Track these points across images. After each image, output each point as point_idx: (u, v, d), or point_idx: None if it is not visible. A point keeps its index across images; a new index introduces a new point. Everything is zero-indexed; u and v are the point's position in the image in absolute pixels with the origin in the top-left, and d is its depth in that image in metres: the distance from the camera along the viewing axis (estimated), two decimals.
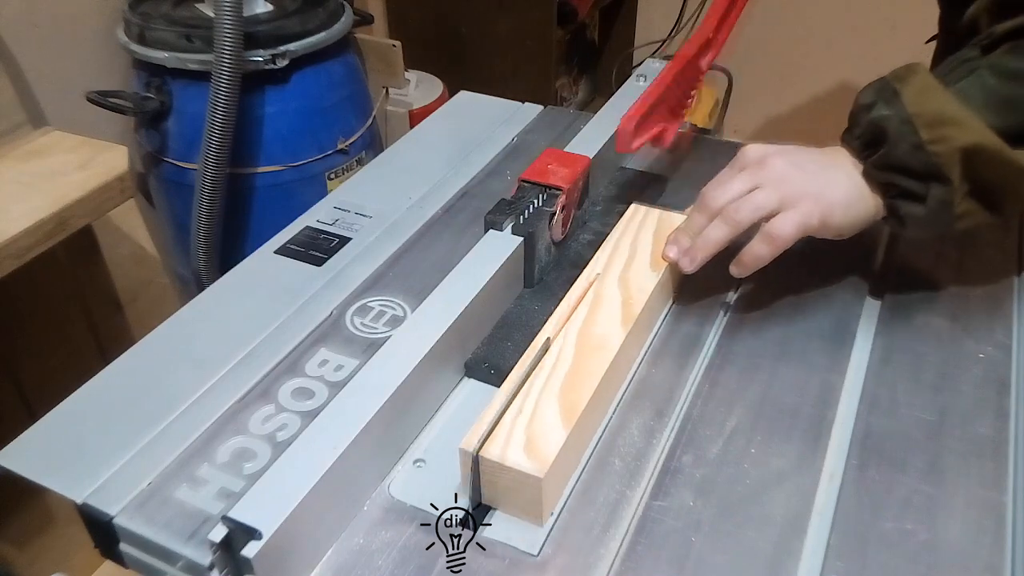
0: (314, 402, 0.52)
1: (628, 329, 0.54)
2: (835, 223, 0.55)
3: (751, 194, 0.55)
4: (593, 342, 0.53)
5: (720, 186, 0.57)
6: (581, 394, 0.49)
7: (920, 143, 0.51)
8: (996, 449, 0.50)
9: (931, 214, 0.53)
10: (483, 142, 0.81)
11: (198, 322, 0.59)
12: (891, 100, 0.53)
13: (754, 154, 0.57)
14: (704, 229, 0.57)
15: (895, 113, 0.52)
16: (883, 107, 0.53)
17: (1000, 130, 0.51)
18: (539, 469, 0.44)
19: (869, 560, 0.44)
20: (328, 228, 0.68)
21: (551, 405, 0.48)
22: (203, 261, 1.16)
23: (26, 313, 1.06)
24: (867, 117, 0.54)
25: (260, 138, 1.19)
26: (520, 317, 0.60)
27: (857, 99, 0.56)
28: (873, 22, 1.95)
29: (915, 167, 0.52)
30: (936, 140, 0.51)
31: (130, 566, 0.47)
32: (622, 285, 0.58)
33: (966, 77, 0.54)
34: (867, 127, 0.55)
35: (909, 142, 0.52)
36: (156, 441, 0.49)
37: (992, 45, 0.55)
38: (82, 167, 0.98)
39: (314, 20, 1.19)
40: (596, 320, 0.55)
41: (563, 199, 0.63)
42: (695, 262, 0.57)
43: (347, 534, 0.46)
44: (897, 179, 0.53)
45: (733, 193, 0.56)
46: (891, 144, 0.53)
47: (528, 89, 1.80)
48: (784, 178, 0.55)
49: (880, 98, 0.54)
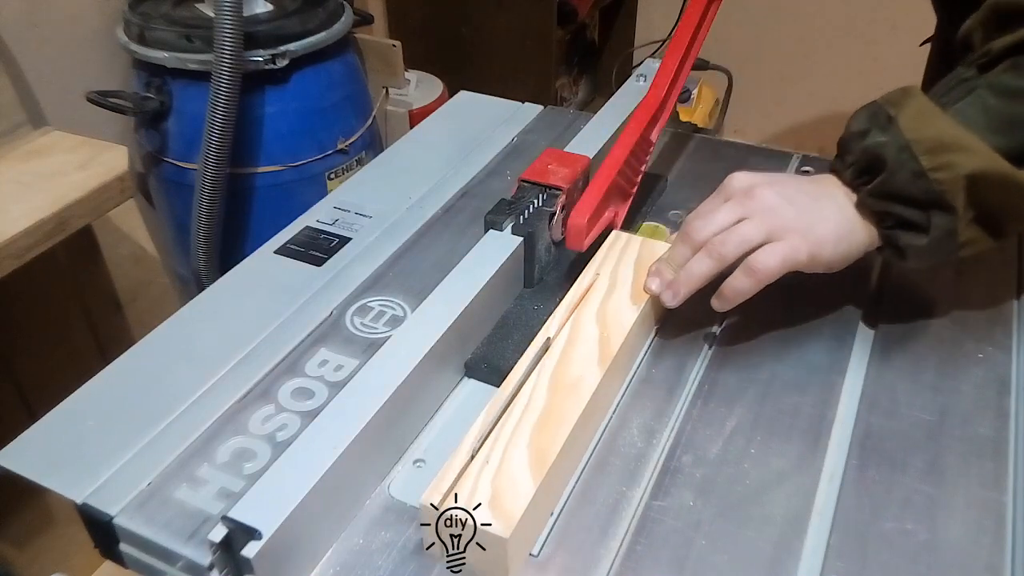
0: (314, 402, 0.52)
1: (605, 369, 0.51)
2: (824, 258, 0.52)
3: (737, 226, 0.52)
4: (567, 383, 0.50)
5: (705, 217, 0.54)
6: (553, 441, 0.46)
7: (921, 171, 0.49)
8: (996, 449, 0.50)
9: (934, 244, 0.51)
10: (483, 142, 0.81)
11: (198, 322, 0.59)
12: (886, 126, 0.51)
13: (741, 183, 0.54)
14: (688, 261, 0.54)
15: (892, 139, 0.50)
16: (878, 133, 0.51)
17: (1003, 151, 0.49)
18: (505, 528, 0.41)
19: (869, 560, 0.44)
20: (328, 228, 0.68)
21: (520, 454, 0.45)
22: (203, 261, 1.16)
23: (26, 313, 1.06)
24: (861, 144, 0.52)
25: (260, 138, 1.19)
26: (520, 317, 0.60)
27: (848, 126, 0.54)
28: (873, 22, 1.95)
29: (916, 196, 0.50)
30: (939, 167, 0.49)
31: (130, 566, 0.47)
32: (600, 320, 0.54)
33: (964, 98, 0.51)
34: (861, 155, 0.52)
35: (909, 170, 0.49)
36: (156, 441, 0.49)
37: (990, 63, 0.52)
38: (82, 167, 0.98)
39: (314, 20, 1.19)
40: (571, 358, 0.52)
41: (563, 199, 0.63)
42: (678, 296, 0.54)
43: (347, 534, 0.46)
44: (896, 208, 0.51)
45: (718, 224, 0.53)
46: (889, 172, 0.50)
47: (528, 89, 1.80)
48: (772, 210, 0.52)
49: (874, 124, 0.52)
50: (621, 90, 0.81)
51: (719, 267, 0.53)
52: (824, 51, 2.06)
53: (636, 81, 0.82)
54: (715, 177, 0.76)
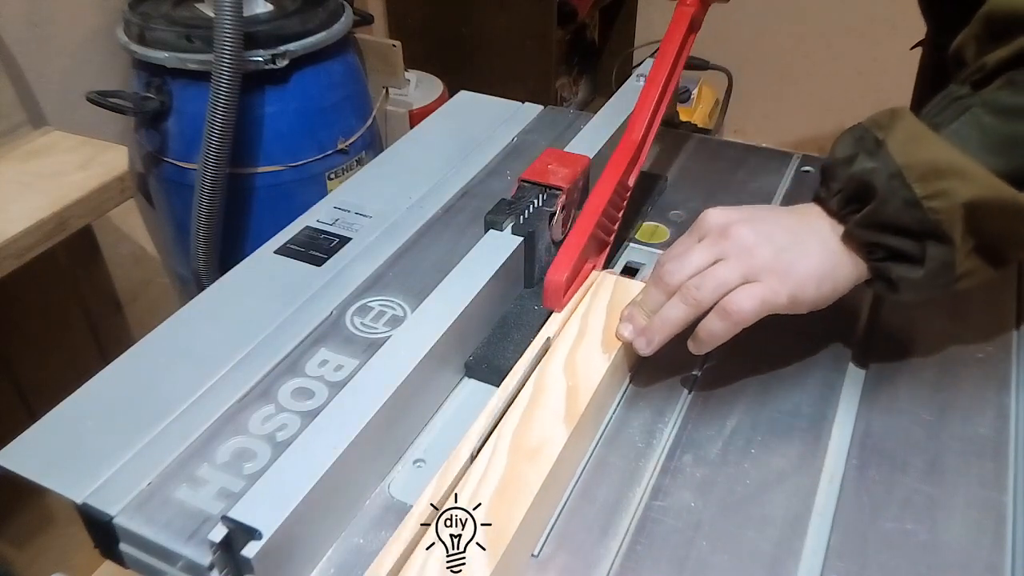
0: (314, 402, 0.52)
1: (572, 427, 0.47)
2: (807, 299, 0.49)
3: (713, 268, 0.49)
4: (530, 445, 0.46)
5: (679, 259, 0.50)
6: (511, 517, 0.42)
7: (914, 199, 0.45)
8: (996, 449, 0.50)
9: (930, 276, 0.47)
10: (483, 142, 0.81)
11: (198, 322, 0.59)
12: (875, 151, 0.47)
13: (716, 221, 0.51)
14: (662, 306, 0.51)
15: (881, 166, 0.46)
16: (866, 159, 0.48)
17: (1003, 174, 0.45)
18: None
19: (869, 560, 0.44)
20: (328, 228, 0.68)
21: (475, 533, 0.41)
22: (203, 261, 1.16)
23: (26, 313, 1.06)
24: (847, 171, 0.48)
25: (260, 138, 1.19)
26: (520, 317, 0.60)
27: (833, 151, 0.50)
28: (873, 22, 1.95)
29: (910, 225, 0.46)
30: (934, 195, 0.45)
31: (130, 566, 0.47)
32: (568, 370, 0.50)
33: (958, 117, 0.48)
34: (848, 182, 0.48)
35: (901, 198, 0.46)
36: (156, 441, 0.49)
37: (984, 79, 0.49)
38: (82, 167, 0.98)
39: (314, 20, 1.19)
40: (535, 416, 0.47)
41: (563, 199, 0.63)
42: (652, 344, 0.51)
43: (347, 534, 0.46)
44: (887, 239, 0.47)
45: (693, 267, 0.50)
46: (880, 201, 0.46)
47: (528, 89, 1.80)
48: (749, 249, 0.49)
49: (861, 149, 0.48)
50: (621, 90, 0.81)
51: (695, 313, 0.49)
52: (824, 51, 2.06)
53: (636, 81, 0.81)
54: (715, 177, 0.77)
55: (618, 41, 2.30)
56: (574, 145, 0.71)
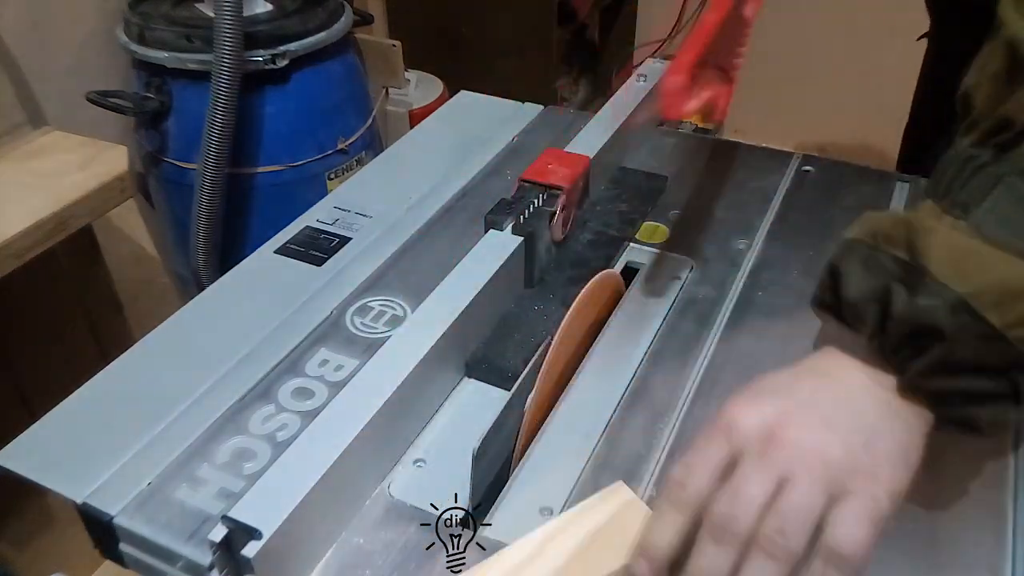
0: (314, 402, 0.52)
1: None
2: (905, 486, 0.39)
3: (786, 496, 0.36)
4: None
5: (734, 497, 0.37)
6: None
7: (993, 333, 0.37)
8: (996, 449, 0.50)
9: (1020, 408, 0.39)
10: (483, 142, 0.81)
11: (198, 322, 0.59)
12: (915, 282, 0.38)
13: (750, 424, 0.39)
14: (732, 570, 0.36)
15: (937, 300, 0.37)
16: (907, 292, 0.39)
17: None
18: None
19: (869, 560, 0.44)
20: (328, 228, 0.68)
21: None
22: (203, 261, 1.16)
23: (26, 313, 1.06)
24: (884, 309, 0.40)
25: (260, 138, 1.19)
26: (520, 317, 0.60)
27: (844, 288, 0.41)
28: (873, 22, 1.95)
29: (992, 363, 0.38)
30: (1016, 322, 0.37)
31: (130, 566, 0.47)
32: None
33: (991, 192, 0.39)
34: (897, 326, 0.39)
35: (974, 334, 0.37)
36: (156, 441, 0.49)
37: (1014, 140, 0.39)
38: (82, 167, 0.98)
39: (314, 20, 1.19)
40: None
41: (563, 199, 0.63)
42: None
43: (347, 534, 0.46)
44: (963, 384, 0.39)
45: (757, 504, 0.37)
46: (951, 342, 0.38)
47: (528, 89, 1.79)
48: (818, 454, 0.37)
49: (895, 280, 0.39)
50: (621, 90, 0.81)
51: (788, 568, 0.36)
52: (824, 51, 2.06)
53: (636, 81, 0.82)
54: (715, 177, 0.77)
55: (618, 41, 2.30)
56: (574, 145, 0.71)
